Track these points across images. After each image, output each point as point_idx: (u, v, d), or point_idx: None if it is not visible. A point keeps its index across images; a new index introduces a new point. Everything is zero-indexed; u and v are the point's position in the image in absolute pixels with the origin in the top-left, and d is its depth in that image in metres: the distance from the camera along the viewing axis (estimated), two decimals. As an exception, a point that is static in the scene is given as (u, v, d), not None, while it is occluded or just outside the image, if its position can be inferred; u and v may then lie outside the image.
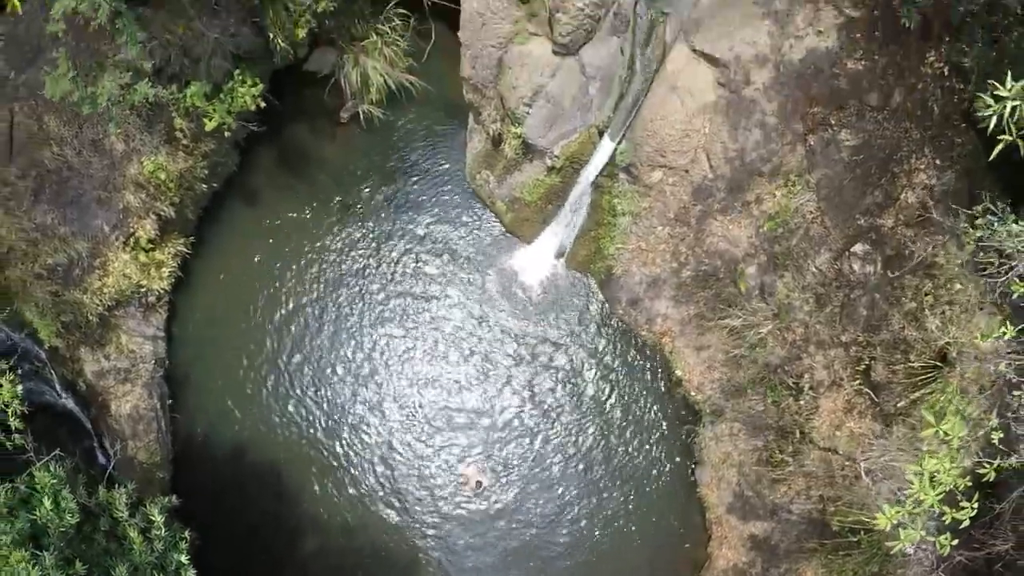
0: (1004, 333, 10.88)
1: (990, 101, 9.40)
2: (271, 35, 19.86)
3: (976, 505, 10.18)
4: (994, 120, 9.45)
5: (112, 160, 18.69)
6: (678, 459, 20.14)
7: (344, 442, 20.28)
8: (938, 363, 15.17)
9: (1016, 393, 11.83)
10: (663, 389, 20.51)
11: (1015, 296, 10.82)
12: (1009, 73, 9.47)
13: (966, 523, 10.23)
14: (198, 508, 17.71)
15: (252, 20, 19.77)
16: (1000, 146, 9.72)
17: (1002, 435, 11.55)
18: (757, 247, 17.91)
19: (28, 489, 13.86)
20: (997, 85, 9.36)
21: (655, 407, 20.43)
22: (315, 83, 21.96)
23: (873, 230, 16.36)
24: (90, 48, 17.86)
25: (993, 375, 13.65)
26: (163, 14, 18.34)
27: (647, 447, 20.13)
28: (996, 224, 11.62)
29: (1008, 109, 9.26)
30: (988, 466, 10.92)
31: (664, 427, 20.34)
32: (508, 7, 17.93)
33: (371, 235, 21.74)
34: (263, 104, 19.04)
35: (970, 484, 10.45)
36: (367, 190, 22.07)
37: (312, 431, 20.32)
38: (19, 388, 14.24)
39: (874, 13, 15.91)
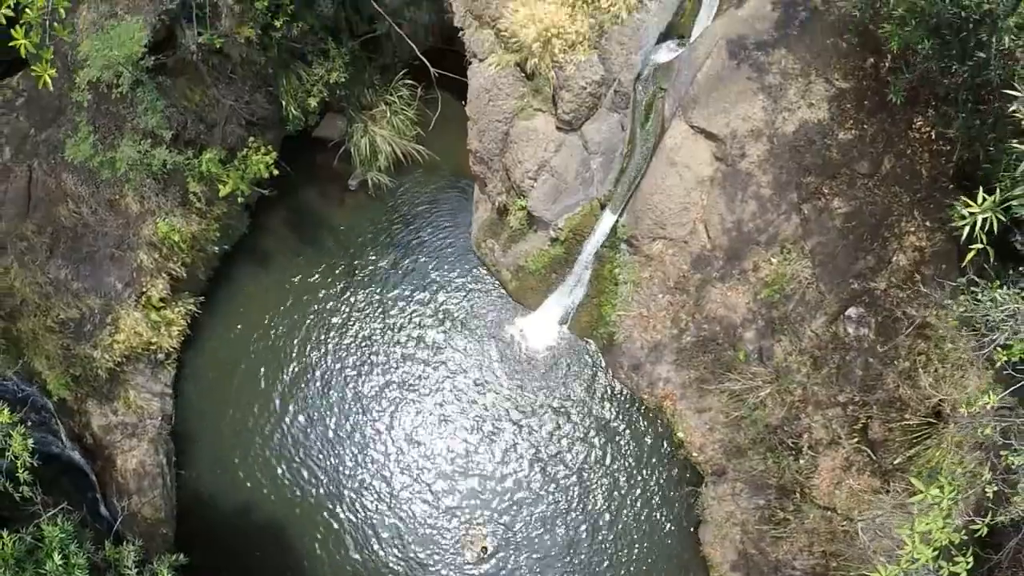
0: (988, 401, 11.23)
1: (964, 213, 10.06)
2: (283, 103, 20.57)
3: (971, 559, 10.39)
4: (967, 230, 10.13)
5: (127, 220, 19.17)
6: (681, 519, 20.10)
7: (348, 504, 20.22)
8: (932, 420, 15.42)
9: (1003, 454, 12.11)
10: (665, 451, 20.55)
11: (998, 365, 11.16)
12: (981, 188, 10.23)
13: (963, 576, 10.47)
14: (204, 564, 17.66)
15: (266, 88, 20.48)
16: (971, 254, 10.37)
17: (996, 489, 11.81)
18: (755, 313, 18.26)
19: (34, 541, 13.91)
20: (969, 201, 10.05)
21: (658, 469, 20.45)
22: (325, 149, 22.61)
23: (866, 293, 16.74)
24: (110, 112, 18.42)
25: (982, 436, 13.92)
26: (181, 82, 19.01)
27: (650, 508, 20.09)
28: (980, 294, 12.01)
29: (979, 221, 9.92)
30: (980, 522, 11.16)
31: (667, 488, 20.33)
32: (514, 83, 18.58)
33: (377, 300, 22.03)
34: (276, 171, 19.62)
35: (965, 537, 10.65)
36: (373, 256, 22.46)
37: (316, 492, 20.28)
38: (30, 441, 14.18)
39: (863, 83, 16.54)
